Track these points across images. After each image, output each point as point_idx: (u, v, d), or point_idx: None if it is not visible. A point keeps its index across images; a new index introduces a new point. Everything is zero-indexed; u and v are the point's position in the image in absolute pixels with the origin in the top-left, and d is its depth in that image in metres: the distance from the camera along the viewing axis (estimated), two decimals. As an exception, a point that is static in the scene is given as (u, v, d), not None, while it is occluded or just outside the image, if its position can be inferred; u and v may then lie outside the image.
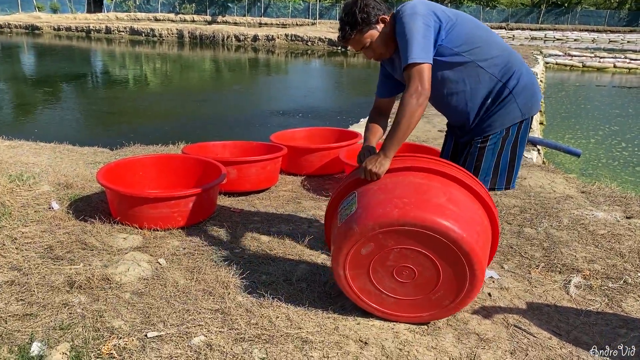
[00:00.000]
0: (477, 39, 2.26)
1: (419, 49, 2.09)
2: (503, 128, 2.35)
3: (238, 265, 2.73)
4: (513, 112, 2.32)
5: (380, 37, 2.27)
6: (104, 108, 10.16)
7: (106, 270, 2.60)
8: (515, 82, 2.30)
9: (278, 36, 25.40)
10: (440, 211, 2.02)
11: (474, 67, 2.26)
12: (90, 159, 4.93)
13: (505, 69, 2.30)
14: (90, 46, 24.65)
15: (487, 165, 2.42)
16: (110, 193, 3.13)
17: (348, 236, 2.10)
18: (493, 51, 2.29)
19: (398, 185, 2.16)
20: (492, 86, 2.30)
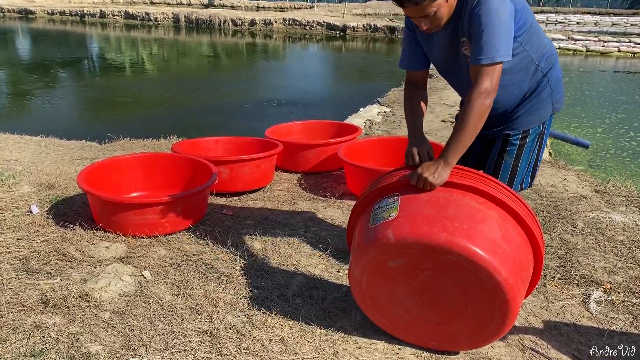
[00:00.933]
0: (532, 25, 2.02)
1: (503, 44, 1.84)
2: (540, 123, 2.17)
3: (229, 278, 2.52)
4: (548, 105, 2.16)
5: (446, 8, 1.92)
6: (95, 96, 9.88)
7: (85, 286, 2.39)
8: (554, 73, 2.14)
9: (276, 20, 24.95)
10: (492, 248, 1.75)
11: (526, 56, 2.05)
12: (77, 154, 4.69)
13: (548, 59, 2.12)
14: (84, 31, 24.20)
15: (524, 165, 2.23)
16: (91, 198, 2.90)
17: (380, 243, 1.86)
18: (541, 37, 2.08)
19: (452, 203, 1.86)
20: (535, 76, 2.12)
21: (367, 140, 4.05)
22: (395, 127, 5.92)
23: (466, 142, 1.89)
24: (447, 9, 1.93)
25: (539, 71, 2.11)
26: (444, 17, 1.95)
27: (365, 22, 24.19)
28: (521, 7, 1.94)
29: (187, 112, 8.45)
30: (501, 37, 1.83)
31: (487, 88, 1.85)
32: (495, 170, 2.23)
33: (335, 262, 2.72)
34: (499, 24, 1.83)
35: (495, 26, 1.82)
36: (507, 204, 1.85)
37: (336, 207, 3.45)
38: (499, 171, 2.23)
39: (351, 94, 10.61)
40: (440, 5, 1.90)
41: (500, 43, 1.83)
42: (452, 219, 1.80)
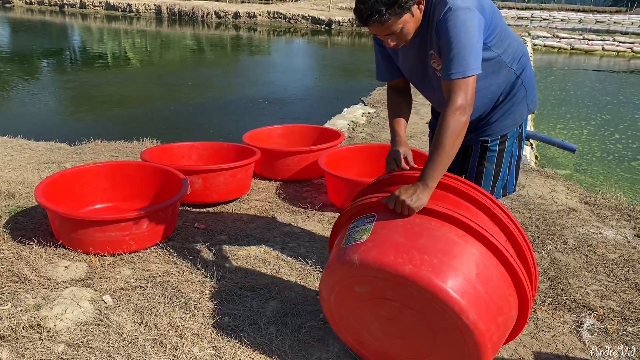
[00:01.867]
0: (501, 28, 1.94)
1: (473, 57, 1.73)
2: (517, 125, 2.12)
3: (197, 304, 2.33)
4: (523, 107, 2.11)
5: (413, 23, 1.81)
6: (69, 92, 9.55)
7: (38, 313, 2.18)
8: (527, 73, 2.09)
9: (260, 13, 24.62)
10: (463, 287, 1.58)
11: (498, 61, 1.97)
12: (44, 157, 4.45)
13: (520, 60, 2.05)
14: (64, 21, 23.67)
15: (504, 169, 2.17)
16: (50, 213, 2.68)
17: (345, 266, 1.74)
18: (512, 41, 2.02)
19: (426, 232, 1.69)
20: (508, 79, 2.05)
21: (349, 148, 3.87)
22: (380, 129, 5.75)
23: (445, 162, 1.75)
24: (414, 23, 1.82)
25: (512, 73, 2.05)
26: (411, 33, 1.84)
27: (351, 17, 23.95)
28: (490, 13, 1.86)
29: (163, 110, 8.19)
30: (471, 50, 1.74)
31: (461, 104, 1.73)
32: (477, 179, 2.16)
33: (313, 285, 2.54)
34: (468, 37, 1.73)
35: (463, 39, 1.73)
36: (490, 241, 1.65)
37: (316, 219, 3.27)
38: (481, 179, 2.17)
39: (335, 92, 10.42)
40: (406, 22, 1.79)
41: (471, 56, 1.73)
42: (422, 250, 1.64)
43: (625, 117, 8.98)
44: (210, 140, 4.07)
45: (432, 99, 2.21)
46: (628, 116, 9.10)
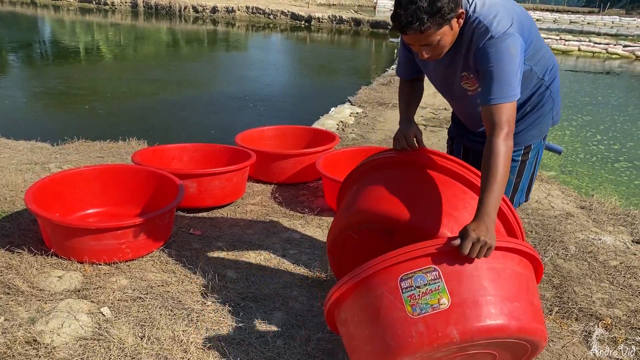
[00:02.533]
0: (533, 41, 1.90)
1: (514, 84, 1.71)
2: (542, 137, 2.11)
3: (199, 316, 2.25)
4: (549, 119, 2.09)
5: (451, 36, 1.75)
6: (46, 88, 9.26)
7: (34, 328, 2.07)
8: (556, 85, 2.06)
9: (239, 8, 24.37)
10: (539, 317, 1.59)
11: (530, 73, 1.94)
12: (25, 157, 4.28)
13: (550, 69, 2.01)
14: (35, 13, 23.06)
15: (525, 180, 2.16)
16: (42, 220, 2.56)
17: (440, 343, 1.45)
18: (542, 50, 1.97)
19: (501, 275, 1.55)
20: (537, 90, 2.02)
21: (345, 151, 3.81)
22: (369, 130, 5.71)
23: (501, 190, 1.66)
24: (451, 37, 1.77)
25: (542, 84, 2.02)
26: (447, 46, 1.79)
27: (331, 14, 23.90)
28: (527, 30, 1.84)
29: (143, 107, 8.01)
30: (514, 76, 1.72)
31: (506, 131, 1.69)
32: None
33: (317, 295, 2.47)
34: (510, 63, 1.71)
35: (507, 66, 1.71)
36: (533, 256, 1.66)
37: (315, 225, 3.20)
38: None
39: (318, 89, 10.35)
40: (445, 34, 1.73)
41: (513, 82, 1.72)
42: (510, 298, 1.51)
43: (604, 119, 9.12)
44: (199, 140, 3.98)
45: (456, 109, 2.21)
46: (607, 117, 9.25)
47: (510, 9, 1.80)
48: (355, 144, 5.08)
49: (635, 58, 17.99)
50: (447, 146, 2.41)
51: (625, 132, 8.31)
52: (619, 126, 8.69)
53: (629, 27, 29.14)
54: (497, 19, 1.73)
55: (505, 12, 1.76)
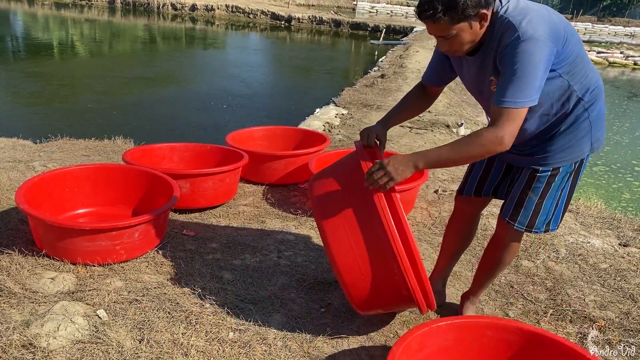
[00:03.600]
0: (577, 57, 1.85)
1: (530, 90, 1.70)
2: (573, 161, 1.97)
3: (198, 318, 2.22)
4: (585, 143, 1.95)
5: (469, 35, 1.78)
6: (24, 84, 9.07)
7: (29, 331, 2.02)
8: (596, 109, 1.93)
9: (218, 6, 24.20)
10: None
11: (568, 90, 1.86)
12: (8, 155, 4.17)
13: (593, 93, 1.91)
14: (8, 7, 22.52)
15: (549, 204, 2.02)
16: (33, 220, 2.50)
17: None
18: (586, 69, 1.89)
19: None
20: (575, 110, 1.90)
21: (338, 152, 3.81)
22: (356, 131, 5.72)
23: (447, 163, 1.83)
24: (471, 36, 1.78)
25: (581, 105, 1.90)
26: (466, 44, 1.81)
27: (311, 14, 23.90)
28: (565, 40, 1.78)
29: (127, 105, 7.90)
30: (533, 83, 1.70)
31: (502, 136, 1.72)
32: (517, 207, 2.05)
33: (315, 296, 2.47)
34: (532, 68, 1.69)
35: (527, 70, 1.69)
36: None
37: (308, 226, 3.19)
38: (521, 209, 2.04)
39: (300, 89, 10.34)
40: (462, 30, 1.75)
41: (531, 89, 1.70)
42: None
43: (581, 123, 9.32)
44: (183, 138, 3.96)
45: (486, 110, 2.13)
46: (584, 122, 9.45)
47: (547, 16, 1.77)
48: (343, 146, 5.09)
49: (609, 64, 18.42)
50: None
51: (602, 137, 8.51)
52: (596, 131, 8.89)
53: (600, 33, 29.80)
54: (527, 21, 1.72)
55: (538, 16, 1.74)
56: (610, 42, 24.38)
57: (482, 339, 1.97)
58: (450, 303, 2.51)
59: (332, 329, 2.24)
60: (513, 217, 2.05)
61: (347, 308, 2.38)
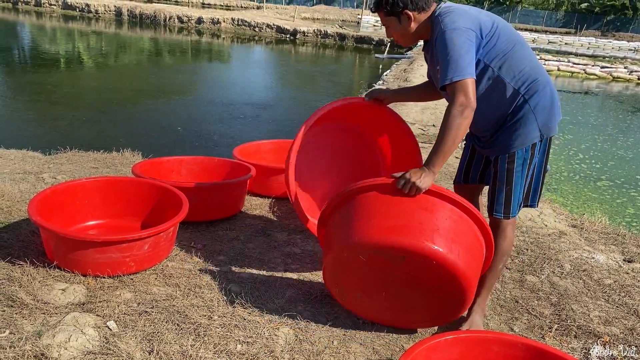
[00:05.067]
0: (510, 53, 2.19)
1: (460, 65, 2.05)
2: (525, 146, 2.25)
3: (206, 330, 2.25)
4: (533, 130, 2.24)
5: (399, 29, 2.31)
6: (33, 95, 9.17)
7: (41, 342, 2.05)
8: (537, 100, 2.22)
9: (224, 20, 24.42)
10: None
11: (501, 81, 2.20)
12: (18, 167, 4.23)
13: (530, 85, 2.21)
14: (17, 19, 22.78)
15: (517, 188, 2.31)
16: (45, 232, 2.54)
17: None
18: (522, 65, 2.21)
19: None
20: (514, 101, 2.23)
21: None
22: (361, 145, 5.76)
23: (447, 153, 2.10)
24: (400, 29, 2.30)
25: (520, 97, 2.20)
26: (396, 36, 2.35)
27: (316, 28, 24.08)
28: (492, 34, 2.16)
29: (134, 117, 7.98)
30: (460, 59, 2.05)
31: (462, 102, 2.04)
32: (492, 199, 2.36)
33: (322, 309, 2.50)
34: (456, 49, 2.06)
35: (452, 51, 2.06)
36: None
37: (315, 239, 3.23)
38: (495, 199, 2.34)
39: (306, 103, 10.42)
40: (390, 23, 2.31)
41: (454, 65, 2.04)
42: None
43: (586, 138, 9.35)
44: (190, 150, 3.99)
45: None
46: (588, 136, 9.48)
47: (470, 13, 2.18)
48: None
49: (612, 79, 18.48)
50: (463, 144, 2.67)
51: (606, 152, 8.54)
52: (600, 145, 8.92)
53: (604, 48, 29.92)
54: (449, 17, 2.13)
55: (460, 12, 2.16)
56: (614, 56, 24.46)
57: (487, 354, 1.99)
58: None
59: (339, 342, 2.26)
60: (491, 208, 2.37)
61: (354, 321, 2.41)
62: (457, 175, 2.67)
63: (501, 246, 2.37)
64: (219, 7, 38.15)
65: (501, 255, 2.39)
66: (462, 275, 2.06)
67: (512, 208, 2.33)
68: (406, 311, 2.33)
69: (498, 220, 2.36)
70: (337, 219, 2.32)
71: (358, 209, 2.21)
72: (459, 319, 2.40)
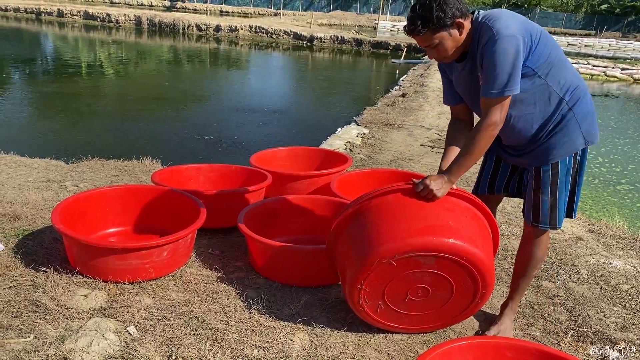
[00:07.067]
0: (555, 59, 2.12)
1: (511, 80, 1.99)
2: (568, 156, 2.21)
3: (223, 336, 2.30)
4: (577, 138, 2.19)
5: (451, 42, 2.10)
6: (56, 104, 9.37)
7: (64, 346, 2.12)
8: (580, 107, 2.18)
9: (242, 27, 24.64)
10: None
11: (547, 88, 2.13)
12: (42, 175, 4.35)
13: (574, 93, 2.16)
14: (40, 29, 23.27)
15: (562, 201, 2.26)
16: (68, 240, 2.62)
17: None
18: (566, 73, 2.16)
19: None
20: (559, 109, 2.17)
21: (359, 173, 3.89)
22: (377, 150, 5.79)
23: (469, 166, 2.14)
24: (452, 42, 2.09)
25: (564, 104, 2.15)
26: (449, 50, 2.11)
27: (332, 34, 24.17)
28: (538, 40, 2.06)
29: (154, 124, 8.10)
30: (509, 73, 1.98)
31: (495, 120, 2.04)
32: (536, 210, 2.28)
33: (337, 315, 2.53)
34: (507, 61, 1.97)
35: (503, 63, 1.97)
36: None
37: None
38: (539, 211, 2.27)
39: (323, 109, 10.47)
40: (443, 38, 2.08)
41: (508, 78, 1.98)
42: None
43: (605, 141, 9.23)
44: (209, 157, 4.05)
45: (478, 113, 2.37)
46: (608, 140, 9.37)
47: (519, 17, 2.06)
48: (364, 165, 5.16)
49: (634, 81, 18.21)
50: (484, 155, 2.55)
51: (627, 155, 8.43)
52: (620, 149, 8.81)
53: (625, 50, 29.47)
54: (499, 22, 2.00)
55: (509, 17, 2.03)
56: (635, 58, 24.09)
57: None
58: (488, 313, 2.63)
59: (354, 347, 2.29)
60: (536, 219, 2.29)
61: (369, 327, 2.43)
62: (480, 185, 2.56)
63: (536, 255, 2.37)
64: (237, 14, 38.51)
65: (535, 263, 2.39)
66: (487, 270, 2.17)
67: (559, 219, 2.28)
68: (423, 316, 2.37)
69: (540, 230, 2.31)
70: (357, 227, 2.31)
71: (380, 216, 2.22)
72: (483, 318, 2.53)
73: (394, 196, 2.25)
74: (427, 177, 2.18)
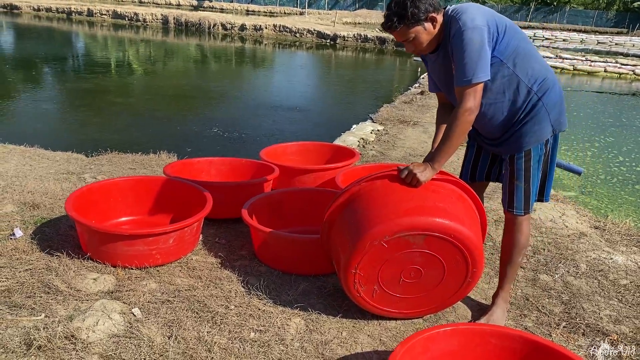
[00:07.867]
0: (522, 50, 2.25)
1: (479, 67, 2.11)
2: (539, 143, 2.33)
3: (223, 319, 2.40)
4: (546, 127, 2.32)
5: (426, 35, 2.25)
6: (80, 100, 9.65)
7: (71, 324, 2.25)
8: (549, 97, 2.30)
9: (266, 26, 24.85)
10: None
11: (515, 78, 2.25)
12: (62, 167, 4.53)
13: (542, 84, 2.29)
14: (71, 29, 23.85)
15: (535, 187, 2.40)
16: (80, 226, 2.76)
17: None
18: (532, 62, 2.28)
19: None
20: (528, 99, 2.29)
21: (364, 167, 3.96)
22: (390, 147, 5.85)
23: (451, 152, 2.25)
24: (426, 35, 2.25)
25: (533, 94, 2.27)
26: (424, 43, 2.27)
27: (356, 32, 24.19)
28: (505, 32, 2.20)
29: (176, 121, 8.29)
30: (477, 62, 2.11)
31: (469, 106, 2.15)
32: (511, 196, 2.42)
33: (334, 302, 2.62)
34: (474, 50, 2.11)
35: (471, 52, 2.11)
36: None
37: (333, 238, 3.34)
38: (514, 197, 2.40)
39: (342, 106, 10.54)
40: (418, 32, 2.23)
41: (477, 66, 2.11)
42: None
43: (628, 140, 9.09)
44: (225, 151, 4.16)
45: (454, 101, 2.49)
46: (631, 139, 9.22)
47: (485, 10, 2.20)
48: (375, 161, 5.23)
49: (663, 80, 17.79)
50: (467, 145, 2.73)
51: (649, 154, 8.29)
52: (643, 148, 8.67)
53: (658, 48, 28.78)
54: (466, 14, 2.14)
55: (476, 10, 2.17)
56: (667, 56, 23.49)
57: (486, 346, 2.06)
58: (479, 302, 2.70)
59: (348, 333, 2.38)
60: (510, 205, 2.43)
61: (363, 314, 2.51)
62: (462, 174, 2.74)
63: (519, 240, 2.46)
64: (263, 14, 38.81)
65: (519, 249, 2.48)
66: (475, 248, 2.26)
67: (531, 204, 2.42)
68: (418, 299, 2.43)
69: (516, 216, 2.44)
70: (348, 215, 2.41)
71: (370, 202, 2.32)
72: (477, 308, 2.61)
73: (382, 182, 2.34)
74: (411, 164, 2.29)
